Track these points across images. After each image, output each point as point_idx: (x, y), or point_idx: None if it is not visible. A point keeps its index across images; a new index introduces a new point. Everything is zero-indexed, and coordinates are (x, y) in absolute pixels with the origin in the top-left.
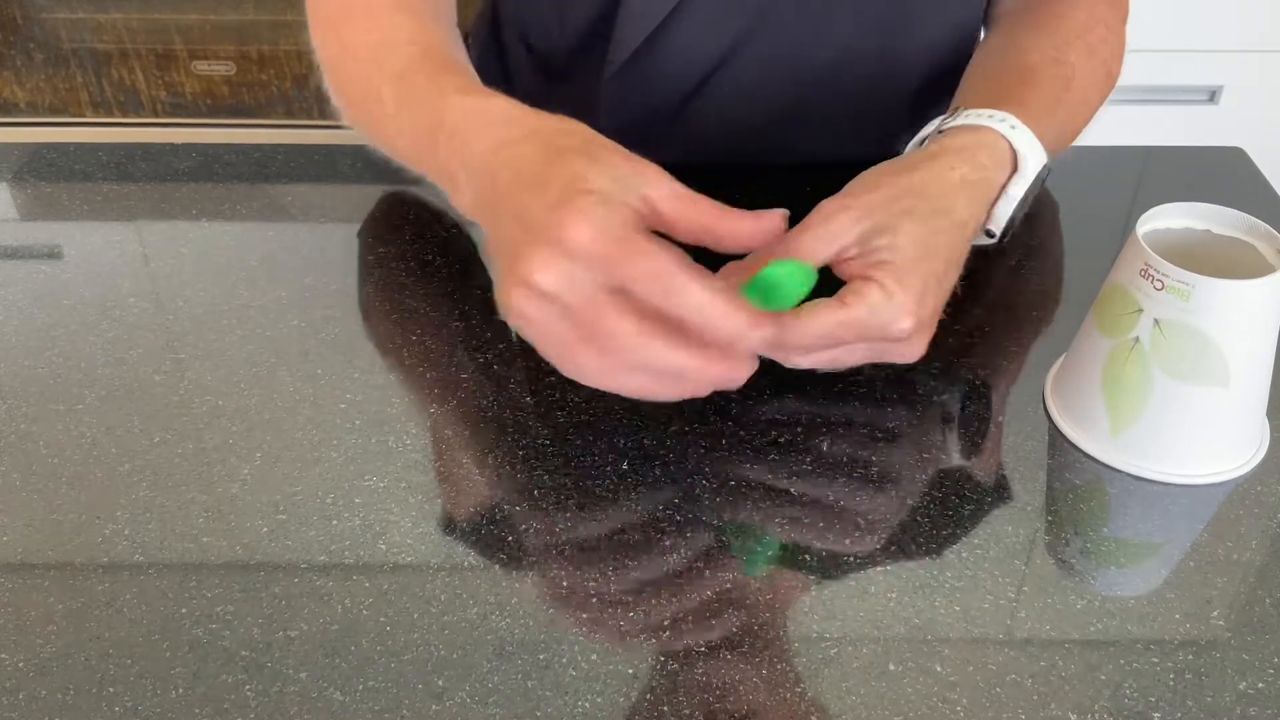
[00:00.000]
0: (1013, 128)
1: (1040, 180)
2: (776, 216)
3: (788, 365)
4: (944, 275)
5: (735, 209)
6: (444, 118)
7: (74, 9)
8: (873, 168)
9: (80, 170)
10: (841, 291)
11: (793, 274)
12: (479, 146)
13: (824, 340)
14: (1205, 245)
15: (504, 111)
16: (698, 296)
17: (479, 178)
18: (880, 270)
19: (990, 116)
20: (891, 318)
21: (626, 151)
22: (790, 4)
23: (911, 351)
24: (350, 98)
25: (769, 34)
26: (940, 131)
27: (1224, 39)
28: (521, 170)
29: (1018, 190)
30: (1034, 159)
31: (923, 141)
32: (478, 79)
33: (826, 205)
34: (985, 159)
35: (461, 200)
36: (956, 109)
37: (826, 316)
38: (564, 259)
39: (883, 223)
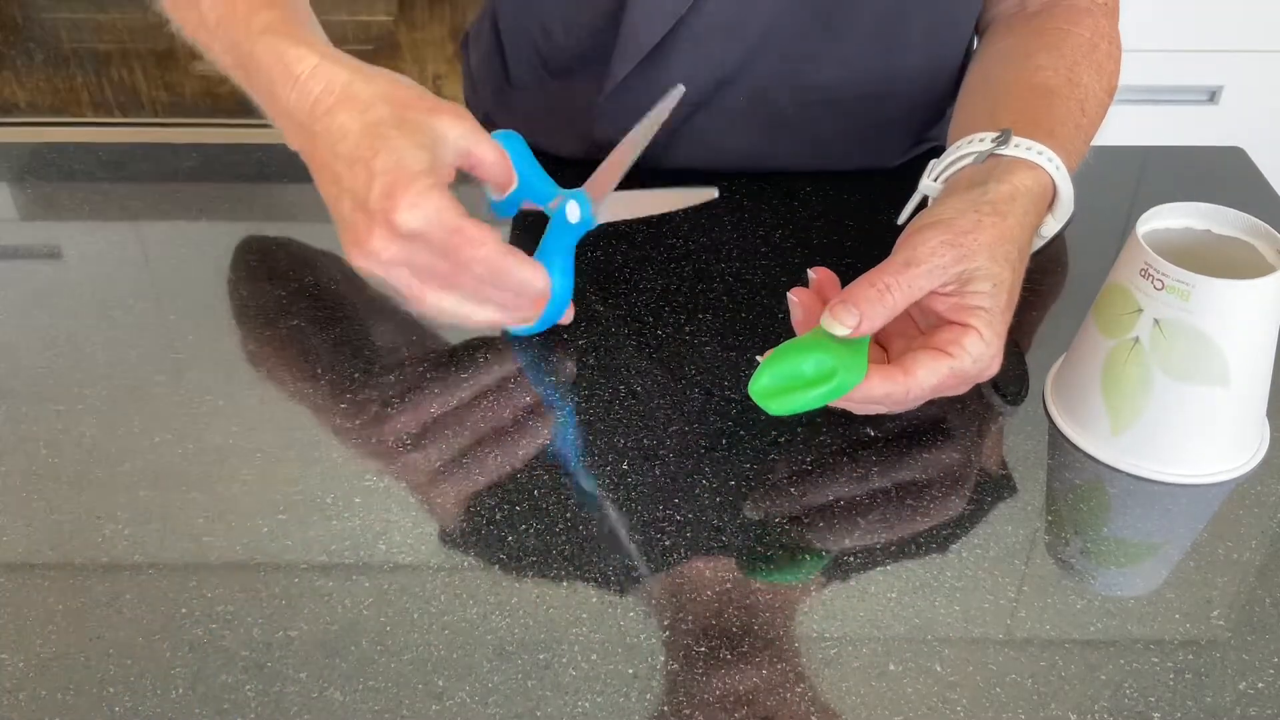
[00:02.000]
0: (1058, 169)
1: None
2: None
3: (894, 412)
4: (1011, 318)
5: None
6: (257, 57)
7: (74, 9)
8: (955, 200)
9: (80, 170)
10: (940, 340)
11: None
12: (291, 96)
13: (935, 392)
14: (1205, 245)
15: (309, 64)
16: (518, 274)
17: (298, 131)
18: (976, 317)
19: (1041, 153)
20: (988, 364)
21: (432, 101)
22: (792, 24)
23: (968, 389)
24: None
25: (770, 54)
26: (995, 154)
27: (1224, 39)
28: (341, 146)
29: (1050, 230)
30: (1067, 202)
31: (956, 158)
32: (291, 5)
33: (927, 238)
34: (1041, 204)
35: (285, 137)
36: (1006, 131)
37: (939, 367)
38: (402, 239)
39: (986, 268)
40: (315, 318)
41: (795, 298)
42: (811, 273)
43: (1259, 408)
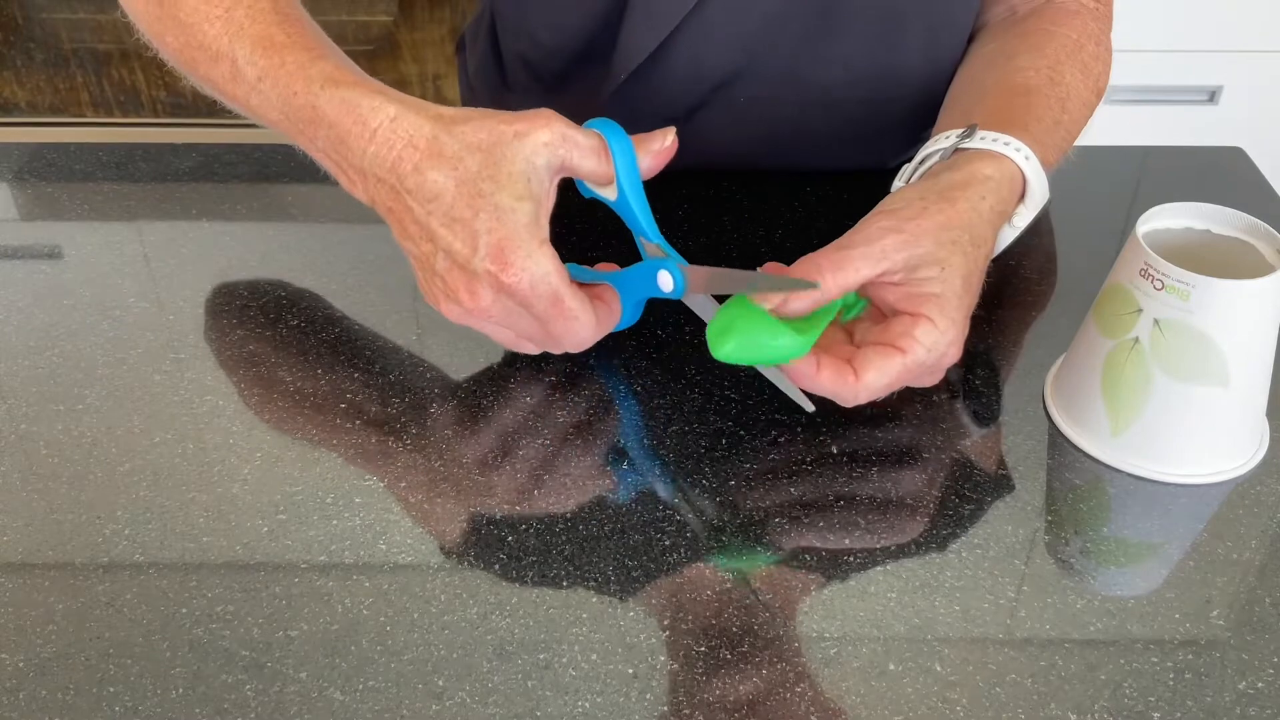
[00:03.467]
0: (1026, 159)
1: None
2: (670, 132)
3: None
4: (974, 305)
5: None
6: (322, 112)
7: (74, 9)
8: (906, 189)
9: (80, 170)
10: (891, 334)
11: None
12: (369, 150)
13: (888, 389)
14: (1205, 245)
15: (386, 115)
16: (588, 342)
17: (375, 185)
18: (929, 305)
19: (1007, 144)
20: (943, 352)
21: (515, 124)
22: (793, 26)
23: (940, 377)
24: (182, 42)
25: (771, 54)
26: (958, 149)
27: (1224, 39)
28: (436, 205)
29: (1022, 221)
30: (1040, 192)
31: (922, 159)
32: (338, 51)
33: (870, 226)
34: (1007, 192)
35: (352, 190)
36: (972, 126)
37: (890, 366)
38: (503, 299)
39: (932, 253)
40: (315, 318)
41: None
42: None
43: (1259, 408)
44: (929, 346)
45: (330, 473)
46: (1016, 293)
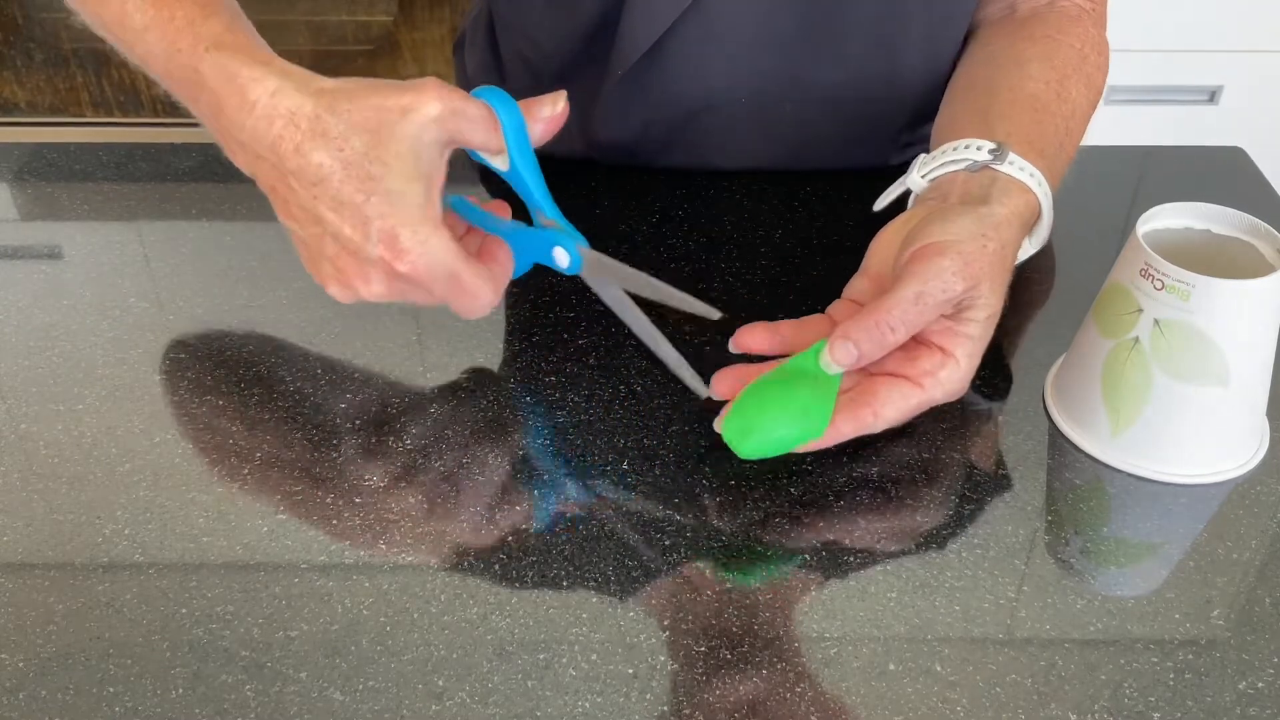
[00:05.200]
0: (1046, 195)
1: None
2: (560, 97)
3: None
4: None
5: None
6: (203, 76)
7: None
8: (965, 218)
9: (80, 170)
10: (916, 370)
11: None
12: (248, 123)
13: (899, 421)
14: (1205, 245)
15: (266, 88)
16: (487, 307)
17: (253, 160)
18: (961, 345)
19: (1032, 175)
20: (956, 389)
21: (401, 98)
22: (793, 26)
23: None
24: None
25: (769, 54)
26: (989, 166)
27: (1224, 39)
28: (323, 189)
29: (1024, 255)
30: (1046, 227)
31: (947, 159)
32: (235, 9)
33: (941, 268)
34: (1027, 230)
35: (234, 160)
36: (1001, 145)
37: (907, 404)
38: (397, 282)
39: (985, 299)
40: (315, 318)
41: (742, 342)
42: (733, 346)
43: (1259, 408)
44: (948, 388)
45: (330, 473)
46: (1016, 293)
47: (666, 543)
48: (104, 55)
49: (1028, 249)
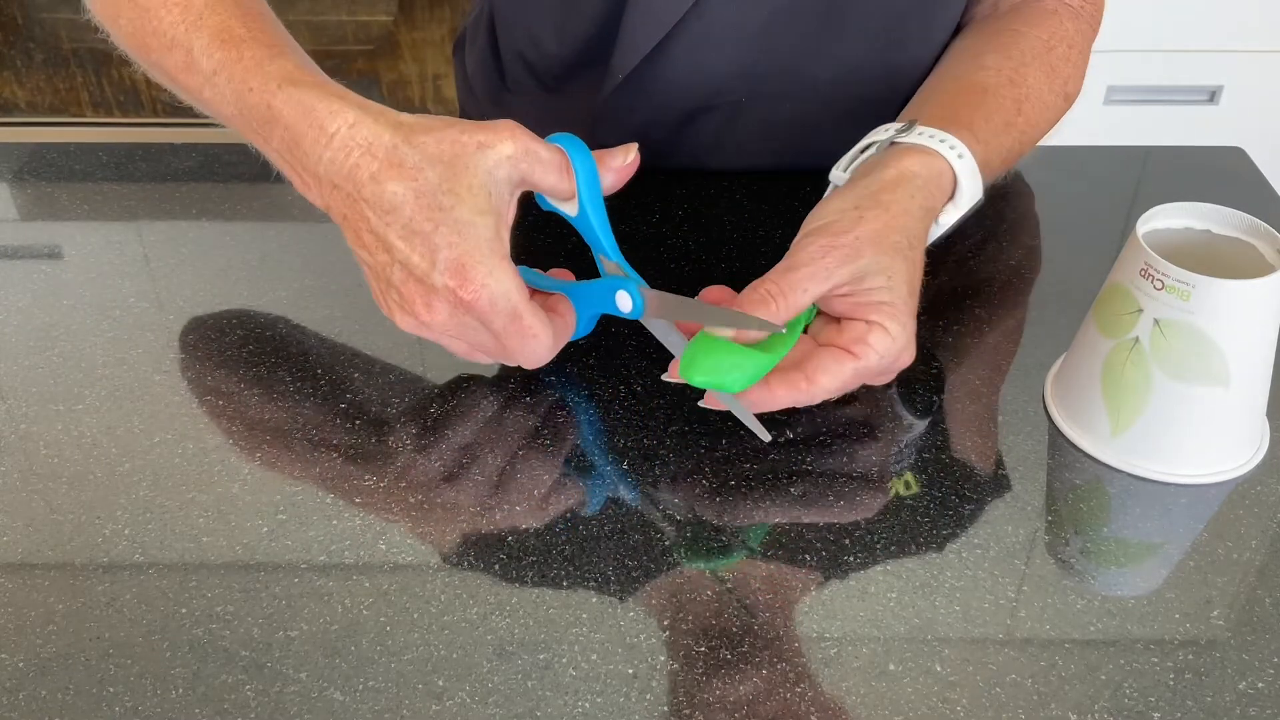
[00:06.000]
0: (960, 157)
1: (971, 210)
2: (632, 149)
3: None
4: (918, 303)
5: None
6: (277, 112)
7: (74, 9)
8: (837, 198)
9: (80, 170)
10: (846, 338)
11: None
12: (325, 155)
13: (840, 391)
14: (1205, 245)
15: (344, 120)
16: (544, 359)
17: (330, 191)
18: (879, 312)
19: (942, 141)
20: (896, 356)
21: (477, 135)
22: (793, 25)
23: (892, 377)
24: (136, 25)
25: (770, 53)
26: (893, 144)
27: (1224, 39)
28: (395, 217)
29: (948, 219)
30: (970, 192)
31: (861, 149)
32: (299, 50)
33: (810, 245)
34: (934, 188)
35: (306, 194)
36: (912, 122)
37: (842, 370)
38: (460, 314)
39: (875, 262)
40: (315, 318)
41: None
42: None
43: (1259, 408)
44: (882, 352)
45: (330, 473)
46: (1017, 293)
47: (666, 543)
48: (104, 55)
49: (951, 213)
